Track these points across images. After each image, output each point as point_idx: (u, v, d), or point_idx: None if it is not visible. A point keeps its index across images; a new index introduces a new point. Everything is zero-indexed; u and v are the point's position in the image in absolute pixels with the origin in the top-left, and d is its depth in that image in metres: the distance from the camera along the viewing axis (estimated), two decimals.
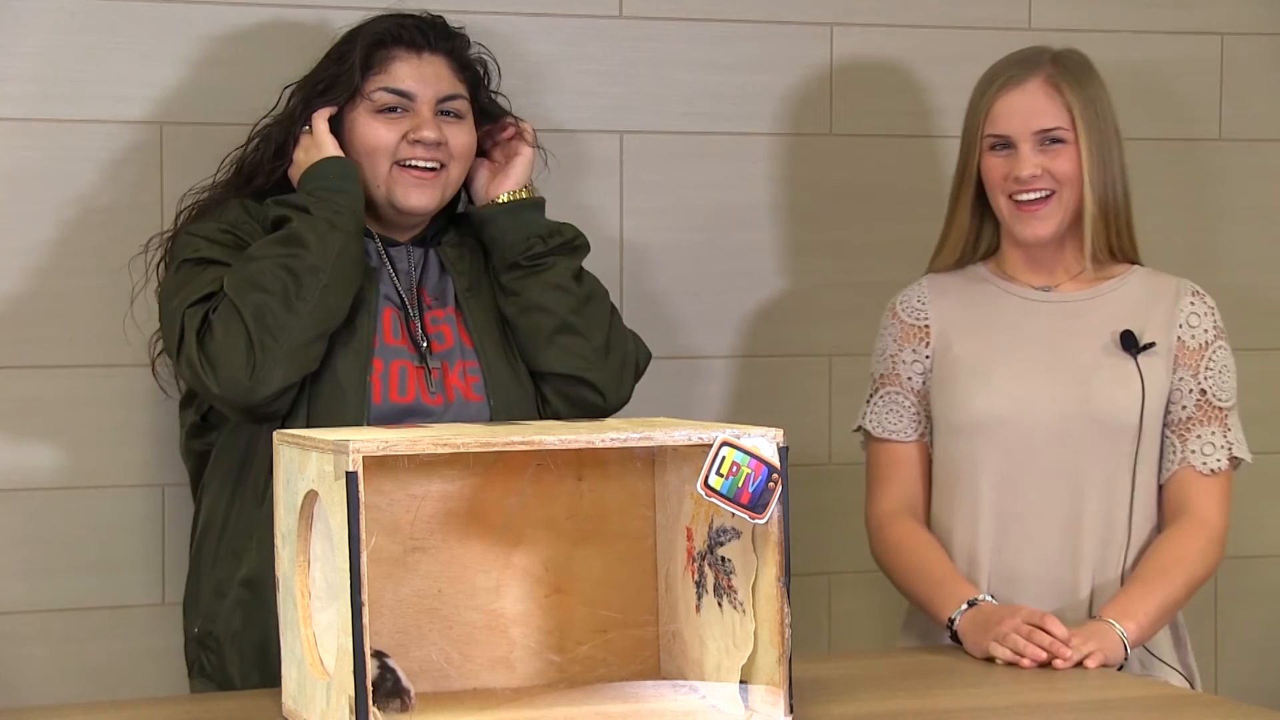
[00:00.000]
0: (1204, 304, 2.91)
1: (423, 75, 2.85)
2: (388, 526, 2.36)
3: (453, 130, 2.86)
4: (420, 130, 2.82)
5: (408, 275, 2.87)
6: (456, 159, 2.86)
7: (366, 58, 2.84)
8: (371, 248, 2.87)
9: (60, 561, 3.10)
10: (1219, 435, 2.86)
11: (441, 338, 2.84)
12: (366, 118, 2.84)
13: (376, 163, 2.83)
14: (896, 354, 2.96)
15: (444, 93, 2.86)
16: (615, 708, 2.30)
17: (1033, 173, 2.84)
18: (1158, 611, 2.77)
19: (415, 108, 2.84)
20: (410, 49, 2.86)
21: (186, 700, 2.57)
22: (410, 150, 2.82)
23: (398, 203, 2.84)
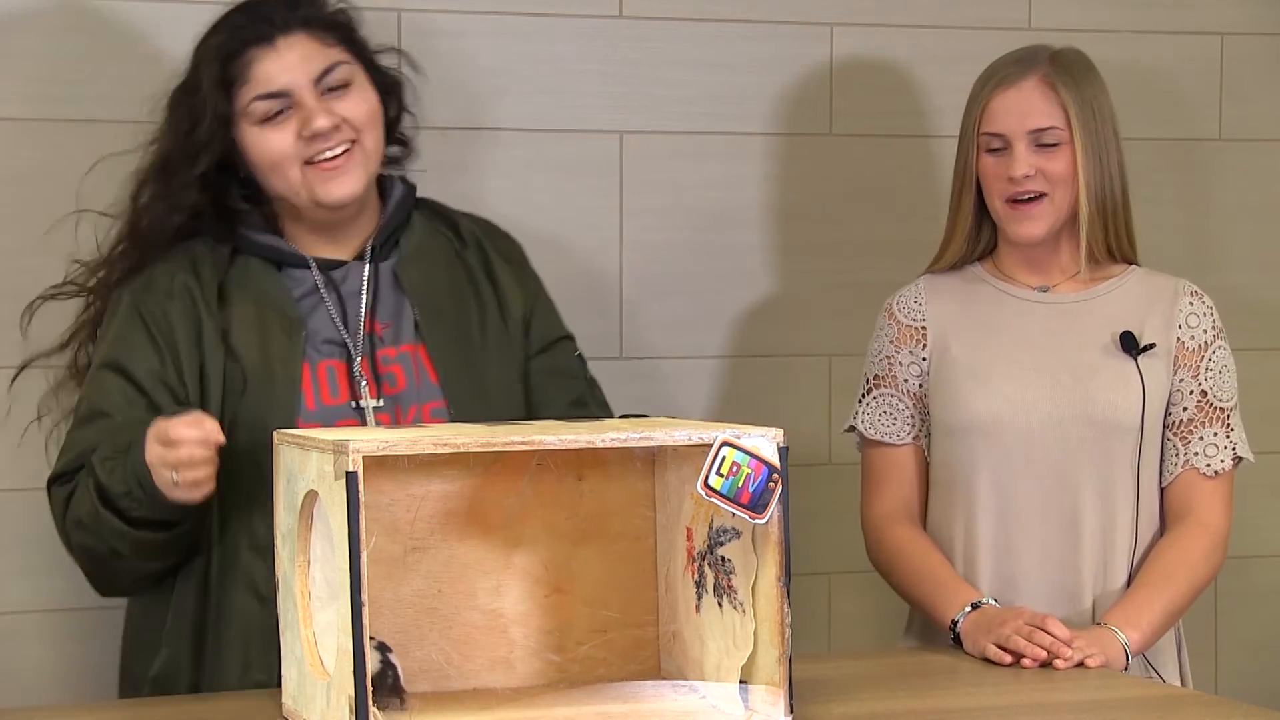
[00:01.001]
0: (1202, 304, 2.91)
1: (287, 64, 2.61)
2: (388, 526, 2.36)
3: (346, 104, 2.63)
4: (311, 122, 2.60)
5: (357, 305, 2.68)
6: (364, 129, 2.64)
7: (223, 77, 2.62)
8: (306, 279, 2.67)
9: (60, 561, 3.09)
10: (1221, 436, 2.86)
11: (393, 379, 2.66)
12: (253, 132, 2.63)
13: (285, 171, 2.62)
14: (893, 355, 2.96)
15: (317, 70, 2.62)
16: (615, 708, 2.30)
17: (1026, 173, 2.84)
18: (1161, 619, 2.77)
19: (297, 100, 2.61)
20: (264, 43, 2.61)
21: (187, 700, 2.57)
22: (311, 146, 2.61)
23: (322, 200, 2.63)
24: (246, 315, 2.65)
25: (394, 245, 2.75)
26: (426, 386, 2.68)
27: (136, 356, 2.63)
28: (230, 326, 2.64)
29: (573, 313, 3.27)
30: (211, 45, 2.65)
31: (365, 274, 2.70)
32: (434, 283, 2.74)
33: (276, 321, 2.65)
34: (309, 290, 2.69)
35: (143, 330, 2.64)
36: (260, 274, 2.68)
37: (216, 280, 2.66)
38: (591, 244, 3.34)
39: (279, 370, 2.62)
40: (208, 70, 2.63)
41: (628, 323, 3.35)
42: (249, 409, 2.61)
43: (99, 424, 2.61)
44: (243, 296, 2.66)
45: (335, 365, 2.66)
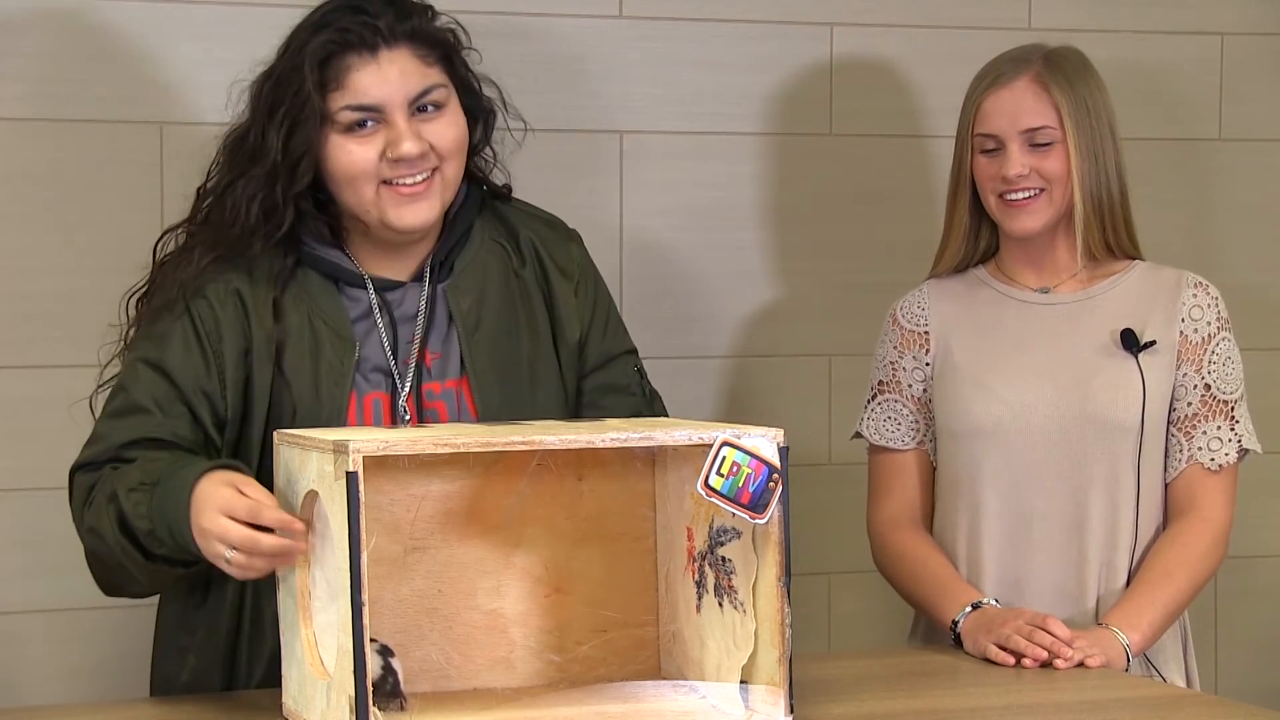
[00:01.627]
0: (1207, 295, 2.89)
1: (386, 79, 2.51)
2: (388, 526, 2.36)
3: (434, 128, 2.53)
4: (399, 145, 2.50)
5: (409, 330, 2.59)
6: (448, 157, 2.55)
7: (320, 77, 2.50)
8: (362, 299, 2.58)
9: (60, 561, 3.10)
10: (1225, 429, 2.85)
11: (435, 415, 2.57)
12: (337, 139, 2.52)
13: (360, 187, 2.52)
14: (897, 361, 2.96)
15: (414, 91, 2.52)
16: (615, 708, 2.30)
17: (1020, 172, 2.84)
18: (1162, 618, 2.77)
19: (387, 117, 2.51)
20: (365, 51, 2.51)
21: (186, 700, 2.57)
22: (394, 170, 2.51)
23: (393, 225, 2.53)
24: (302, 332, 2.56)
25: (450, 266, 2.63)
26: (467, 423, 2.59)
27: (181, 359, 2.53)
28: (284, 342, 2.55)
29: None
30: (313, 42, 2.53)
31: (422, 297, 2.61)
32: (484, 305, 2.63)
33: (330, 342, 2.56)
34: (364, 312, 2.59)
35: (191, 332, 2.54)
36: (318, 290, 2.58)
37: (273, 292, 2.56)
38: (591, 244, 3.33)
39: (326, 398, 2.54)
40: (308, 67, 2.51)
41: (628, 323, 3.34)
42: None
43: (133, 420, 2.51)
44: (299, 311, 2.56)
45: (381, 398, 2.57)
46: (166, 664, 2.64)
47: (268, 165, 2.53)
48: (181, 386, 2.53)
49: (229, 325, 2.54)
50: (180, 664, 2.61)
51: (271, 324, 2.54)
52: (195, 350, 2.54)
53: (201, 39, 3.13)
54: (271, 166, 2.53)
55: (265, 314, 2.55)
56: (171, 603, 2.64)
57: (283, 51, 2.57)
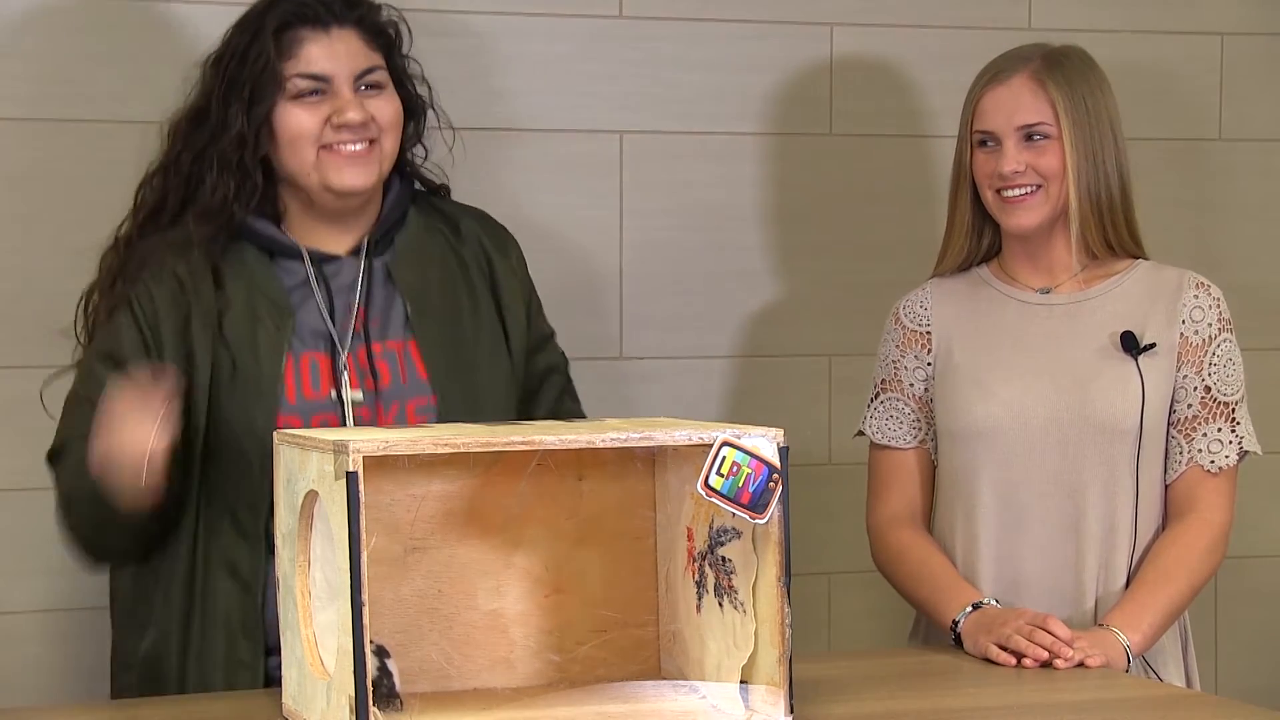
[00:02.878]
0: (1208, 296, 2.89)
1: (335, 53, 2.69)
2: (388, 526, 2.36)
3: (376, 103, 2.70)
4: (344, 113, 2.66)
5: (346, 299, 2.71)
6: (386, 130, 2.71)
7: (277, 44, 2.68)
8: (298, 270, 2.71)
9: (60, 561, 3.09)
10: (1226, 431, 2.85)
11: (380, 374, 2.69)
12: (285, 105, 2.68)
13: (302, 150, 2.67)
14: (899, 360, 2.96)
15: (360, 67, 2.70)
16: (615, 708, 2.30)
17: (1015, 169, 2.84)
18: (1162, 619, 2.77)
19: (333, 89, 2.68)
20: (317, 27, 2.69)
21: (186, 700, 2.57)
22: (336, 134, 2.67)
23: (333, 185, 2.68)
24: (237, 302, 2.68)
25: (389, 243, 2.77)
26: (414, 383, 2.70)
27: (125, 345, 2.67)
28: (224, 310, 2.68)
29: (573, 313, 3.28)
30: (267, 16, 2.70)
31: (360, 268, 2.73)
32: (427, 278, 2.76)
33: (266, 310, 2.68)
34: (299, 282, 2.71)
35: (130, 317, 2.68)
36: (254, 262, 2.71)
37: (209, 264, 2.69)
38: (591, 244, 3.34)
39: (264, 359, 2.65)
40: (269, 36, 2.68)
41: (628, 323, 3.35)
42: (234, 396, 2.64)
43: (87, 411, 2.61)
44: (235, 283, 2.69)
45: (318, 358, 2.68)
46: (127, 640, 2.72)
47: (233, 134, 2.68)
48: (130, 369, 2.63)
49: (165, 303, 2.67)
50: (140, 637, 2.69)
51: (211, 293, 2.67)
52: (134, 332, 2.67)
53: (201, 39, 3.12)
54: (239, 134, 2.68)
55: (204, 286, 2.68)
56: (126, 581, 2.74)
57: (237, 31, 2.74)
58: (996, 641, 2.66)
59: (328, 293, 2.71)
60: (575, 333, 3.25)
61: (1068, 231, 2.88)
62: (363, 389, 2.68)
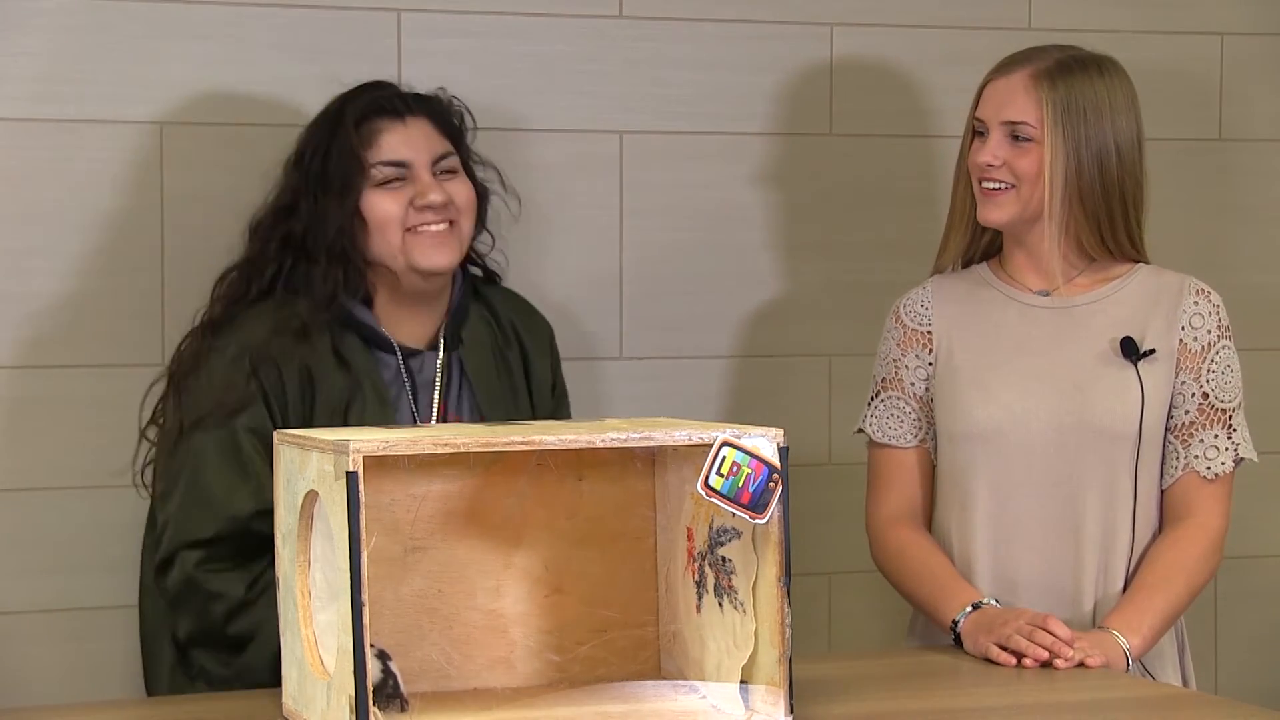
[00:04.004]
0: (1208, 303, 2.89)
1: (412, 140, 2.86)
2: (388, 526, 2.36)
3: (453, 186, 2.88)
4: (426, 195, 2.83)
5: (429, 394, 2.88)
6: (464, 213, 2.88)
7: (358, 135, 2.84)
8: (392, 365, 2.86)
9: (60, 561, 3.10)
10: (1223, 438, 2.85)
11: None
12: (369, 193, 2.84)
13: (389, 234, 2.83)
14: (899, 359, 2.96)
15: (437, 153, 2.87)
16: (615, 708, 2.30)
17: (991, 161, 2.84)
18: (1161, 622, 2.77)
19: (413, 174, 2.85)
20: (394, 118, 2.87)
21: (186, 700, 2.57)
22: (420, 216, 2.83)
23: (419, 265, 2.83)
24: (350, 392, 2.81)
25: (459, 340, 2.93)
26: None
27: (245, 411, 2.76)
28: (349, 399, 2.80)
29: (573, 313, 3.28)
30: (345, 111, 2.86)
31: (438, 363, 2.89)
32: (493, 373, 2.93)
33: (374, 400, 2.82)
34: (392, 376, 2.87)
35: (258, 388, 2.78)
36: (356, 349, 2.85)
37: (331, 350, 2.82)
38: (591, 244, 3.33)
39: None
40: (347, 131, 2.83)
41: (628, 323, 3.35)
42: None
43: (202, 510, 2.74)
44: (347, 372, 2.82)
45: None
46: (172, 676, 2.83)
47: (333, 224, 2.83)
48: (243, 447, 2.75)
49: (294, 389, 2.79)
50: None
51: (336, 379, 2.80)
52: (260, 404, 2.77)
53: (201, 39, 3.12)
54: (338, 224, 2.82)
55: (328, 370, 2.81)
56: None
57: (315, 130, 2.89)
58: (997, 641, 2.66)
59: (413, 388, 2.88)
60: (575, 333, 3.26)
61: (1067, 234, 2.88)
62: None
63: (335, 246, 2.83)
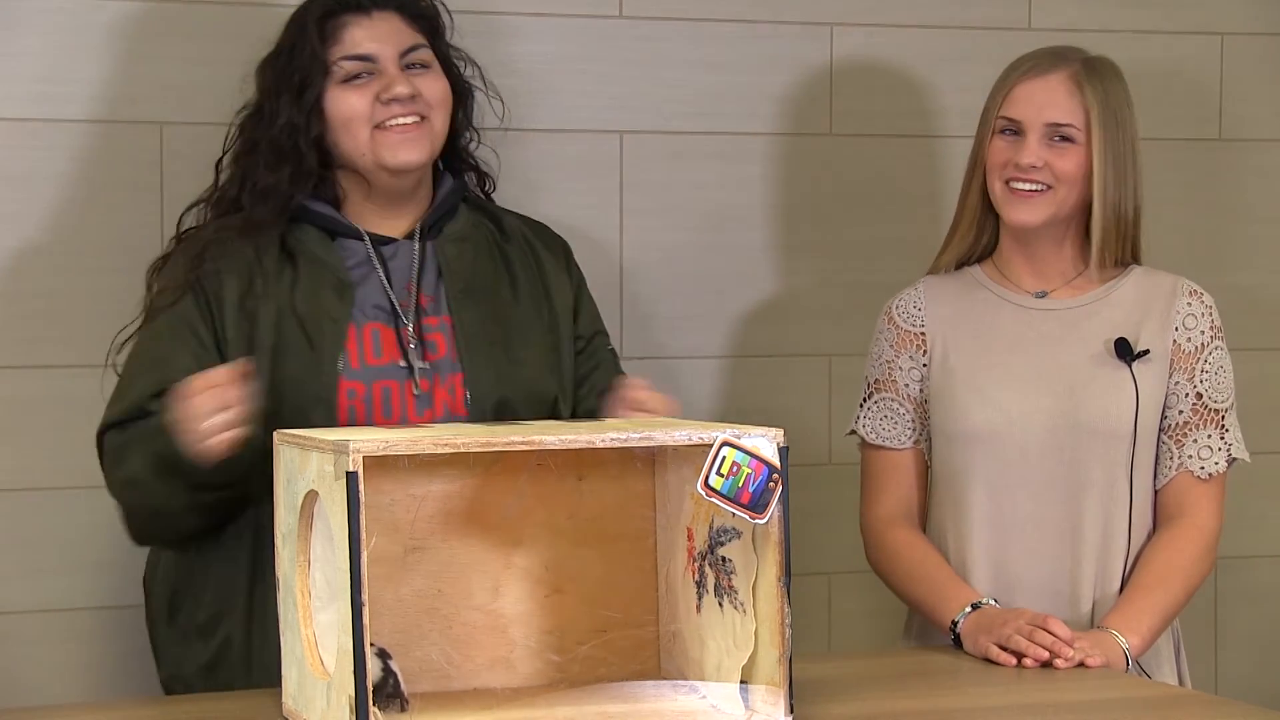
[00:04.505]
0: (1201, 304, 2.90)
1: (378, 34, 2.78)
2: (388, 526, 2.36)
3: (423, 81, 2.79)
4: (391, 88, 2.75)
5: (403, 277, 2.79)
6: (435, 107, 2.79)
7: (320, 32, 2.77)
8: (360, 251, 2.79)
9: (60, 561, 3.10)
10: (1216, 438, 2.85)
11: (434, 346, 2.77)
12: (335, 90, 2.77)
13: (356, 131, 2.76)
14: (893, 360, 2.95)
15: (404, 45, 2.79)
16: (615, 708, 2.30)
17: (1033, 162, 2.83)
18: (1160, 622, 2.77)
19: (380, 68, 2.77)
20: (358, 12, 2.79)
21: (186, 700, 2.57)
22: (386, 111, 2.75)
23: (387, 163, 2.75)
24: (303, 277, 2.76)
25: (439, 230, 2.85)
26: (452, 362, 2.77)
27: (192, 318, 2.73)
28: (292, 285, 2.75)
29: None
30: (310, 10, 2.80)
31: (415, 251, 2.81)
32: (472, 265, 2.84)
33: (329, 284, 2.75)
34: (360, 261, 2.78)
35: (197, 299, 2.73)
36: (315, 241, 2.79)
37: (277, 242, 2.77)
38: (591, 244, 3.33)
39: (327, 329, 2.72)
40: (306, 28, 2.78)
41: (628, 322, 3.35)
42: (299, 364, 2.71)
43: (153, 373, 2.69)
44: (300, 259, 2.77)
45: (380, 329, 2.75)
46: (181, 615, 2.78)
47: (283, 122, 2.77)
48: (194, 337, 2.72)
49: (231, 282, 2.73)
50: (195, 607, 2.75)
51: (279, 268, 2.75)
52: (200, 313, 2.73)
53: (201, 39, 3.13)
54: (288, 122, 2.76)
55: (271, 261, 2.75)
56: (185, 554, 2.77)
57: (285, 30, 2.84)
58: (997, 641, 2.66)
59: (386, 271, 2.79)
60: None
61: (1070, 237, 2.88)
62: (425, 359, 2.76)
63: (281, 143, 2.76)
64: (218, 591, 2.73)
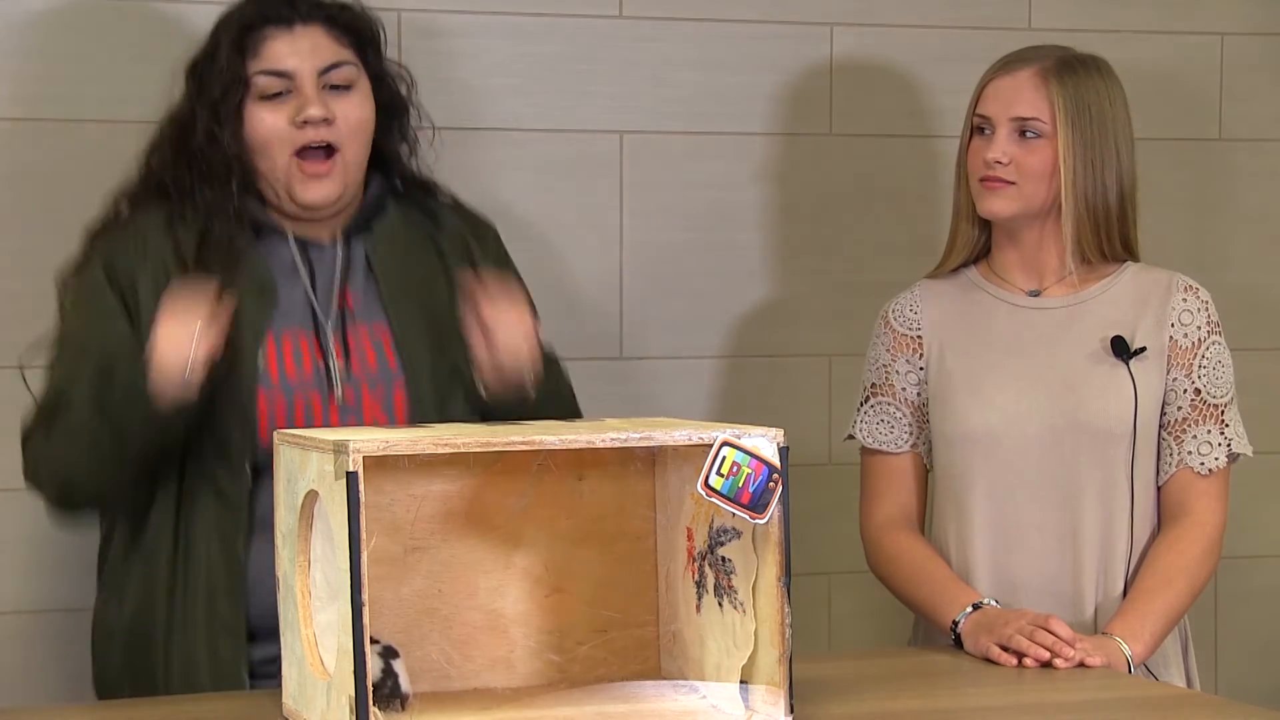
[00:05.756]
0: (1197, 299, 2.89)
1: (298, 50, 2.66)
2: (388, 526, 2.36)
3: (342, 104, 2.67)
4: (305, 109, 2.64)
5: (328, 279, 2.71)
6: (350, 136, 2.68)
7: (239, 44, 2.66)
8: (285, 252, 2.71)
9: (60, 561, 3.10)
10: (1215, 433, 2.85)
11: (363, 357, 2.69)
12: (252, 107, 2.66)
13: (272, 154, 2.66)
14: (890, 364, 2.95)
15: (325, 62, 2.67)
16: (615, 708, 2.30)
17: (999, 158, 2.84)
18: (1163, 626, 2.76)
19: (297, 85, 2.66)
20: (280, 25, 2.67)
21: (186, 700, 2.57)
22: (300, 134, 2.65)
23: (297, 198, 2.67)
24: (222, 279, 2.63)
25: (369, 230, 2.76)
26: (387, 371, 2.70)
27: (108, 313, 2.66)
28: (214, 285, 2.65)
29: (573, 313, 3.28)
30: (233, 18, 2.70)
31: (339, 252, 2.73)
32: (404, 264, 2.75)
33: (250, 288, 2.66)
34: (285, 264, 2.71)
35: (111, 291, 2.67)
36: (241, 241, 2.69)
37: (194, 241, 2.68)
38: (591, 244, 3.33)
39: (246, 335, 2.63)
40: (226, 38, 2.68)
41: (628, 323, 3.35)
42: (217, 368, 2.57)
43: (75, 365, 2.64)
44: (218, 259, 2.66)
45: (301, 335, 2.68)
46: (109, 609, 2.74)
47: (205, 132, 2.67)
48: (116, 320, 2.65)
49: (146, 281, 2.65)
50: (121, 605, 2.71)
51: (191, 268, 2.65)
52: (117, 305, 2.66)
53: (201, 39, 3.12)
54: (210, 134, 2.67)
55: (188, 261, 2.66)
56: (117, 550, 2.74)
57: (210, 35, 2.74)
58: (998, 642, 2.66)
59: (311, 274, 2.71)
60: (575, 333, 3.26)
61: (1057, 231, 2.88)
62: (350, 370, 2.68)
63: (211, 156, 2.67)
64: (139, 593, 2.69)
